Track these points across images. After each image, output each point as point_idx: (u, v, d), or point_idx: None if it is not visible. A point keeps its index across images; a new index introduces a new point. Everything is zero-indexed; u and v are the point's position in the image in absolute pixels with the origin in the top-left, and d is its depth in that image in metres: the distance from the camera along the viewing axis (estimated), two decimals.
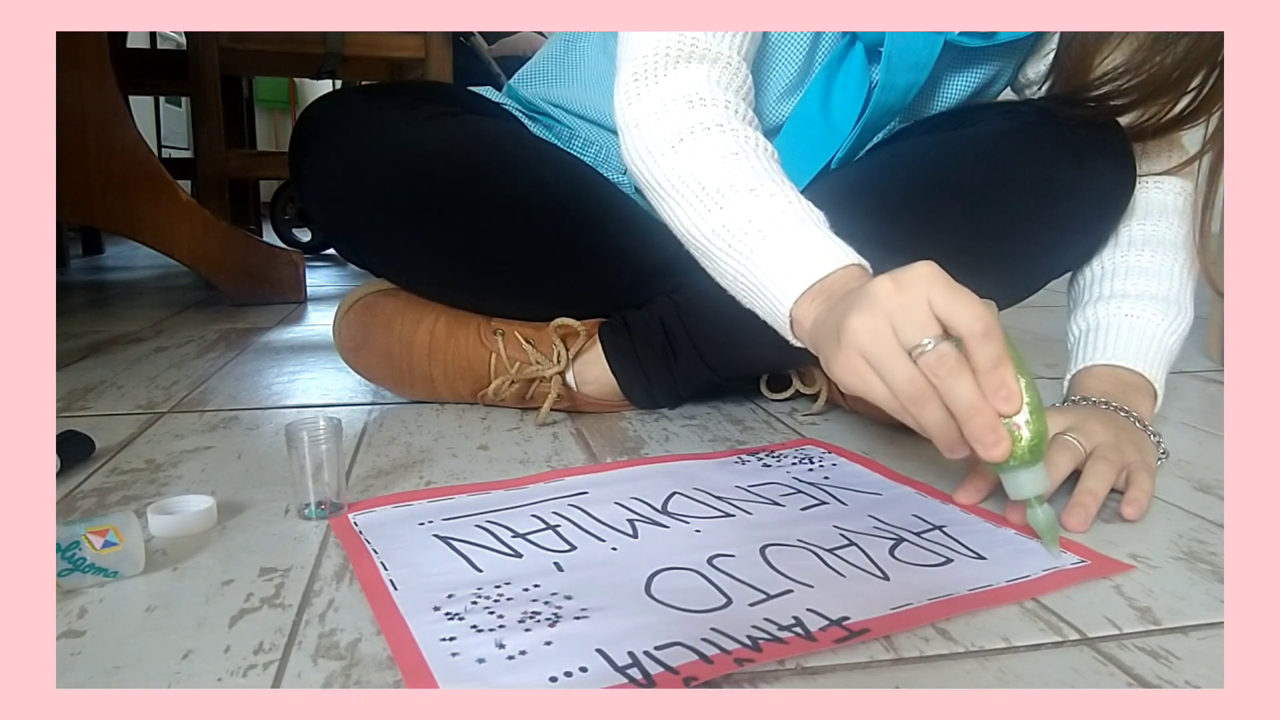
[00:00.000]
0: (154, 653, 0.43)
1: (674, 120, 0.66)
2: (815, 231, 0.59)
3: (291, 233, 2.85)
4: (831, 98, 0.76)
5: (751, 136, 0.65)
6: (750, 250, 0.60)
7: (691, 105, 0.66)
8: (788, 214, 0.60)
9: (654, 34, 0.69)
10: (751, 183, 0.62)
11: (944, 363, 0.48)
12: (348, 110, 0.81)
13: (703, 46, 0.68)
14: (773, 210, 0.60)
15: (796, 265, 0.57)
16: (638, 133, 0.68)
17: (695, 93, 0.66)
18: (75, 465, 0.71)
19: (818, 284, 0.56)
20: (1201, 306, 1.39)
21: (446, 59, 1.89)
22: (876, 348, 0.49)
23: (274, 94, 4.98)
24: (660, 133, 0.66)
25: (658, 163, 0.66)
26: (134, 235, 1.56)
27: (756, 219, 0.60)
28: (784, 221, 0.59)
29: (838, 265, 0.56)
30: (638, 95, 0.68)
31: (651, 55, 0.68)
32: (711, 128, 0.64)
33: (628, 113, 0.69)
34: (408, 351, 0.86)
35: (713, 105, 0.66)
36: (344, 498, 0.62)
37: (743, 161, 0.63)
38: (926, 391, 0.49)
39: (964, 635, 0.45)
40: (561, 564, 0.52)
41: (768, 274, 0.59)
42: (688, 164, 0.64)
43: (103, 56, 1.48)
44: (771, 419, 0.86)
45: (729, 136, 0.64)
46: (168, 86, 3.06)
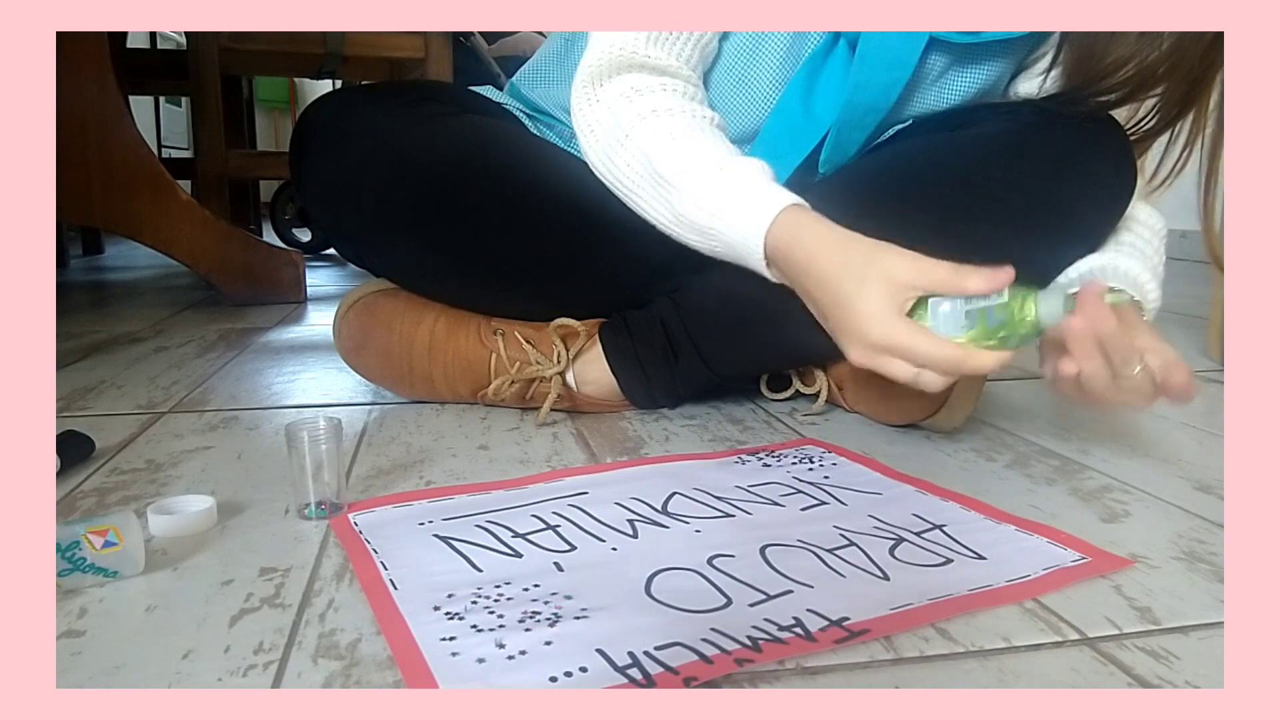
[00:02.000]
0: (154, 653, 0.43)
1: (618, 117, 0.71)
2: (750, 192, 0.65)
3: (291, 233, 2.85)
4: (814, 93, 0.77)
5: (688, 109, 0.70)
6: (710, 231, 0.67)
7: (629, 99, 0.71)
8: (722, 185, 0.66)
9: (602, 44, 0.73)
10: (690, 163, 0.67)
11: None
12: (348, 110, 0.81)
13: (642, 56, 0.72)
14: (712, 187, 0.66)
15: (748, 232, 0.64)
16: (593, 138, 0.73)
17: (632, 86, 0.71)
18: (75, 465, 0.71)
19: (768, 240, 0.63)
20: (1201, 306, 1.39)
21: (446, 59, 1.89)
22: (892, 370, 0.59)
23: (274, 94, 4.98)
24: (609, 134, 0.71)
25: (614, 164, 0.72)
26: (134, 235, 1.56)
27: (703, 200, 0.66)
28: (724, 193, 0.65)
29: (775, 212, 0.63)
30: (587, 102, 0.73)
31: (597, 63, 0.73)
32: (648, 115, 0.70)
33: (580, 121, 0.74)
34: (408, 351, 0.86)
35: (649, 92, 0.71)
36: (344, 498, 0.62)
37: (681, 141, 0.68)
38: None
39: (964, 635, 0.45)
40: (561, 564, 0.52)
41: (735, 247, 0.66)
42: (636, 158, 0.70)
43: (103, 56, 1.48)
44: (771, 419, 0.86)
45: (666, 118, 0.69)
46: (168, 86, 3.06)
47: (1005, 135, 0.73)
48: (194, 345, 1.24)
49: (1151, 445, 0.79)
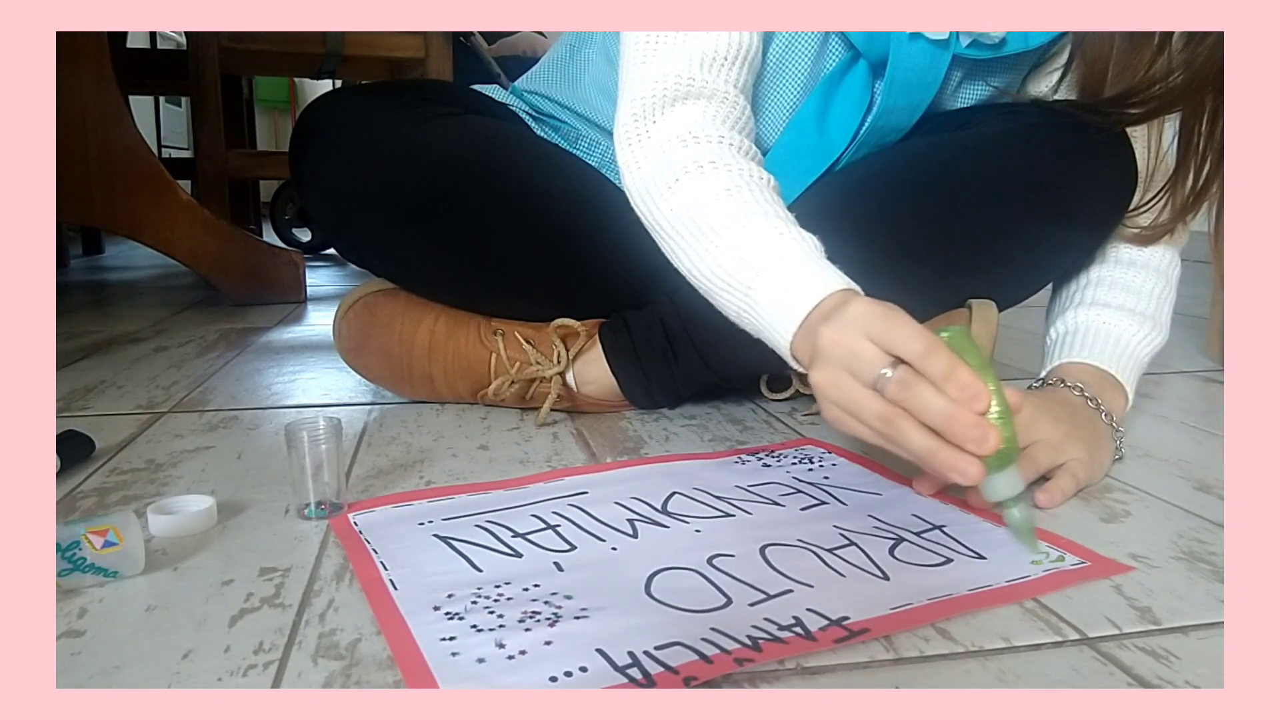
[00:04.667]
0: (154, 653, 0.43)
1: (670, 160, 0.66)
2: (805, 262, 0.59)
3: (291, 233, 2.85)
4: (830, 112, 0.76)
5: (746, 169, 0.65)
6: (747, 288, 0.60)
7: (685, 145, 0.66)
8: (778, 247, 0.60)
9: (652, 73, 0.69)
10: (744, 219, 0.62)
11: (905, 384, 0.49)
12: (349, 109, 0.81)
13: (699, 84, 0.69)
14: (764, 245, 0.60)
15: (790, 300, 0.58)
16: (639, 174, 0.69)
17: (689, 131, 0.67)
18: (75, 465, 0.71)
19: (812, 314, 0.56)
20: (1201, 306, 1.39)
21: (446, 59, 1.89)
22: (842, 395, 0.52)
23: (274, 94, 4.98)
24: (658, 174, 0.67)
25: (657, 205, 0.67)
26: (134, 235, 1.56)
27: (750, 256, 0.60)
28: (776, 255, 0.59)
29: (826, 293, 0.56)
30: (637, 137, 0.69)
31: (649, 96, 0.69)
32: (705, 165, 0.65)
33: (627, 155, 0.70)
34: (408, 351, 0.86)
35: (707, 142, 0.66)
36: (344, 498, 0.62)
37: (736, 197, 0.63)
38: (900, 416, 0.50)
39: (964, 635, 0.45)
40: (561, 564, 0.52)
41: (766, 310, 0.59)
42: (684, 204, 0.65)
43: (103, 56, 1.48)
44: (771, 419, 0.86)
45: (723, 173, 0.64)
46: (168, 86, 3.06)
47: (1006, 136, 0.73)
48: (194, 345, 1.24)
49: (1151, 445, 0.79)
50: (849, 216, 0.75)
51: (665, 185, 0.66)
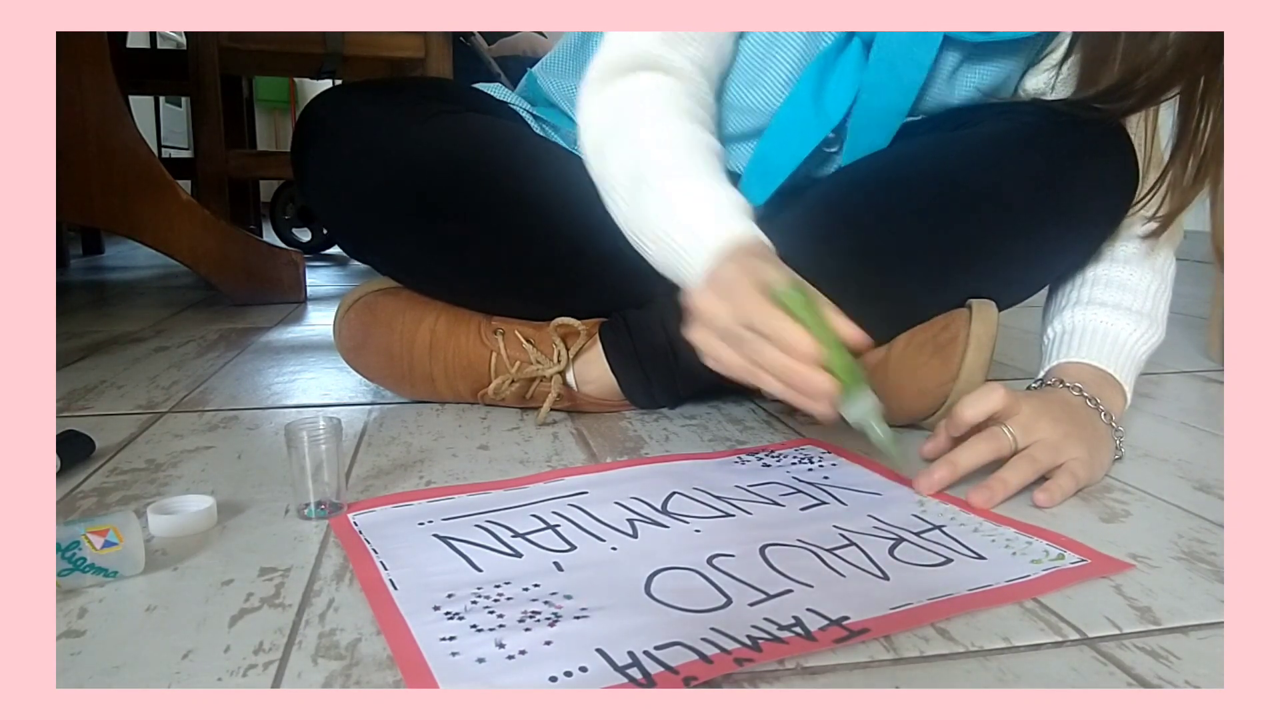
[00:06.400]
0: (154, 653, 0.43)
1: (620, 116, 0.71)
2: (718, 215, 0.64)
3: (291, 233, 2.85)
4: (825, 88, 0.77)
5: (687, 130, 0.70)
6: (669, 239, 0.66)
7: (637, 100, 0.71)
8: (702, 200, 0.65)
9: (616, 42, 0.74)
10: (677, 176, 0.67)
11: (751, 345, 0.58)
12: (351, 107, 0.81)
13: (654, 56, 0.72)
14: (688, 200, 0.65)
15: (697, 250, 0.63)
16: (591, 130, 0.74)
17: (642, 89, 0.72)
18: (75, 465, 0.71)
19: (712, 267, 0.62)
20: (1201, 306, 1.39)
21: (446, 59, 1.89)
22: (711, 352, 0.61)
23: (274, 94, 4.98)
24: (607, 130, 0.72)
25: (603, 158, 0.72)
26: (134, 235, 1.56)
27: (676, 209, 0.66)
28: (693, 209, 0.65)
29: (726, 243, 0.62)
30: (592, 95, 0.74)
31: (610, 61, 0.74)
32: (649, 121, 0.70)
33: (582, 114, 0.74)
34: (408, 350, 0.86)
35: (658, 101, 0.71)
36: (344, 498, 0.62)
37: (678, 152, 0.68)
38: (758, 369, 0.58)
39: (964, 635, 0.45)
40: (561, 564, 0.52)
41: (680, 260, 0.65)
42: (625, 158, 0.70)
43: (103, 56, 1.48)
44: (771, 419, 0.86)
45: (668, 126, 0.69)
46: (168, 86, 3.07)
47: (1005, 135, 0.73)
48: (194, 345, 1.24)
49: (1151, 445, 0.79)
50: (849, 215, 0.75)
51: (611, 136, 0.71)
